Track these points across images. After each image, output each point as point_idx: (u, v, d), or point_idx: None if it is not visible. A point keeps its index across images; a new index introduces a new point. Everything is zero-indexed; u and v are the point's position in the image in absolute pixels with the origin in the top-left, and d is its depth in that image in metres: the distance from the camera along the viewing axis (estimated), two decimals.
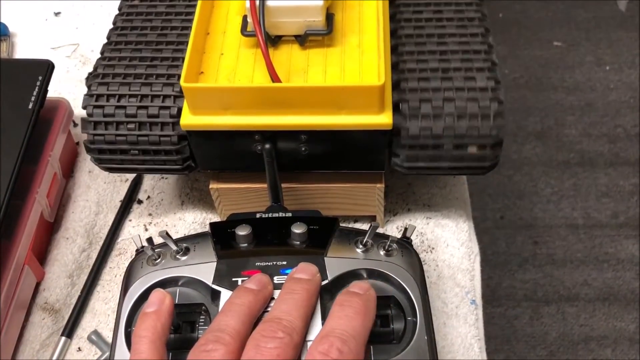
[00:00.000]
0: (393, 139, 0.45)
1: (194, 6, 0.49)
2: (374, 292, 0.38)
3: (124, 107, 0.46)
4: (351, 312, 0.35)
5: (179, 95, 0.46)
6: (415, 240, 0.52)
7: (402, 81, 0.45)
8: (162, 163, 0.48)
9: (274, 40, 0.48)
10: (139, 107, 0.46)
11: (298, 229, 0.42)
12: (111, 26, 0.51)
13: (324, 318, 0.37)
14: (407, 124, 0.44)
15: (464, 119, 0.43)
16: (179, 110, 0.45)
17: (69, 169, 0.59)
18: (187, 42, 0.47)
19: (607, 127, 1.54)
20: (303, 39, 0.47)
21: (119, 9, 0.52)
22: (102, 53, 0.49)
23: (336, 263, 0.41)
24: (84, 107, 0.46)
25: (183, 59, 0.47)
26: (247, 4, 0.45)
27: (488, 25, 0.48)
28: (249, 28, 0.47)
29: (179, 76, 0.46)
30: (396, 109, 0.44)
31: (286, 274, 0.39)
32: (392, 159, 0.46)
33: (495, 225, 1.40)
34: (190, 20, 0.50)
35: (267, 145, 0.45)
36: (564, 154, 1.50)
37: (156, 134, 0.46)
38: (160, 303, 0.37)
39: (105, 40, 0.50)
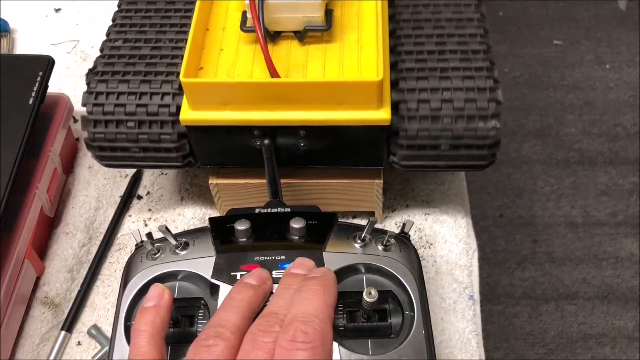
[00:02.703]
0: (391, 138, 0.45)
1: (193, 2, 0.50)
2: (326, 269, 0.38)
3: (124, 105, 0.46)
4: (309, 294, 0.35)
5: (178, 93, 0.46)
6: (413, 236, 0.52)
7: (401, 80, 0.45)
8: (163, 160, 0.48)
9: (273, 36, 0.48)
10: (138, 105, 0.46)
11: (297, 224, 0.42)
12: (110, 23, 0.51)
13: None
14: (405, 125, 0.44)
15: (462, 120, 0.44)
16: (178, 108, 0.46)
17: (69, 165, 0.59)
18: (186, 40, 0.47)
19: (607, 125, 1.54)
20: (302, 35, 0.47)
21: (118, 6, 0.52)
22: (101, 50, 0.49)
23: (334, 258, 0.41)
24: (84, 105, 0.47)
25: (182, 56, 0.47)
26: (247, 0, 0.45)
27: (487, 25, 0.48)
28: (249, 24, 0.47)
29: (178, 73, 0.46)
30: (394, 109, 0.44)
31: (285, 269, 0.39)
32: (390, 156, 0.47)
33: (494, 223, 1.40)
34: (190, 17, 0.50)
35: (266, 141, 0.45)
36: (563, 153, 1.50)
37: (156, 132, 0.46)
38: (159, 298, 0.37)
39: (105, 37, 0.50)
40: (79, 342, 0.49)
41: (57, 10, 0.72)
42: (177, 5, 0.51)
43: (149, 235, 0.43)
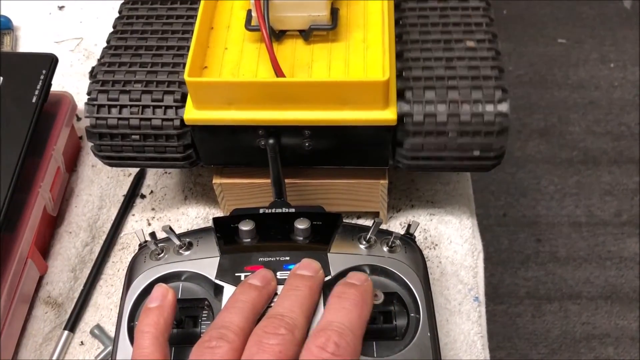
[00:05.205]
0: (397, 128, 0.44)
1: None
2: (370, 282, 0.37)
3: (128, 91, 0.46)
4: (348, 305, 0.35)
5: (184, 82, 0.46)
6: (418, 236, 0.52)
7: (406, 70, 0.45)
8: (163, 151, 0.47)
9: (278, 35, 0.48)
10: (144, 92, 0.46)
11: (301, 225, 0.42)
12: (117, 15, 0.51)
13: None
14: (412, 111, 0.43)
15: (468, 105, 0.43)
16: (183, 95, 0.45)
17: (72, 163, 0.59)
18: (191, 32, 0.47)
19: (611, 125, 1.53)
20: (307, 34, 0.47)
21: None
22: (107, 42, 0.49)
23: (339, 259, 0.41)
24: (89, 93, 0.46)
25: (188, 47, 0.47)
26: None
27: (492, 14, 0.48)
28: (253, 22, 0.47)
29: (184, 65, 0.46)
30: (400, 96, 0.44)
31: (289, 270, 0.39)
32: (396, 150, 0.46)
33: (498, 222, 1.39)
34: (195, 9, 0.50)
35: (271, 141, 0.45)
36: (567, 152, 1.49)
37: (159, 117, 0.46)
38: (162, 298, 0.37)
39: (112, 29, 0.50)
40: (82, 342, 0.49)
41: (61, 7, 0.72)
42: None
43: (153, 235, 0.42)
